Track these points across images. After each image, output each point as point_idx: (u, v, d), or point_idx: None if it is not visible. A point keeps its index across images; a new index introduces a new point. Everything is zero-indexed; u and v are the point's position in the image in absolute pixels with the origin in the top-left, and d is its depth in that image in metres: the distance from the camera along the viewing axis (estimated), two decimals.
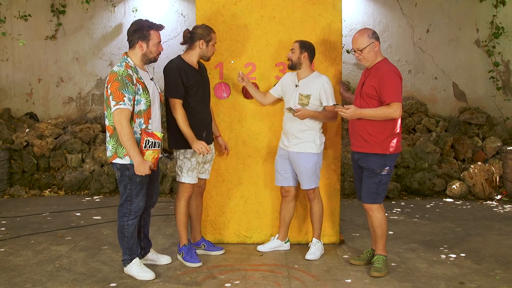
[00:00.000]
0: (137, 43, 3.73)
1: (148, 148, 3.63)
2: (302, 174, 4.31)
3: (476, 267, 4.16)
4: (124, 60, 3.72)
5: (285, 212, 4.51)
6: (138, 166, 3.59)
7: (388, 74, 3.84)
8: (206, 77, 4.31)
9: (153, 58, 3.82)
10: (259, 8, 4.60)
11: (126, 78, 3.57)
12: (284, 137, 4.40)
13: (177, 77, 4.04)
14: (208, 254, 4.43)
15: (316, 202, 4.40)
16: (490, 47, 8.01)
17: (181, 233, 4.28)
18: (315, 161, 4.31)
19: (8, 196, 6.99)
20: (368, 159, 3.95)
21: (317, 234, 4.44)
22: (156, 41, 3.77)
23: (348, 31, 7.93)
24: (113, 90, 3.57)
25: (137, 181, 3.71)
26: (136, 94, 3.62)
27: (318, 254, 4.36)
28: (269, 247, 4.55)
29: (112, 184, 7.09)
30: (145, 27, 3.72)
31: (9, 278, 3.88)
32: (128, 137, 3.55)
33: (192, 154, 4.16)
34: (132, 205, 3.77)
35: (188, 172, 4.18)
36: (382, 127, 3.89)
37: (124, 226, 3.81)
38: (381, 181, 3.96)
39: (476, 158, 7.41)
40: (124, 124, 3.54)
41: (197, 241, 4.48)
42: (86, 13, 8.13)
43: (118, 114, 3.55)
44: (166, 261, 4.22)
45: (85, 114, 8.30)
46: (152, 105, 3.76)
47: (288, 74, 4.44)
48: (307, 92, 4.26)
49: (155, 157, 3.67)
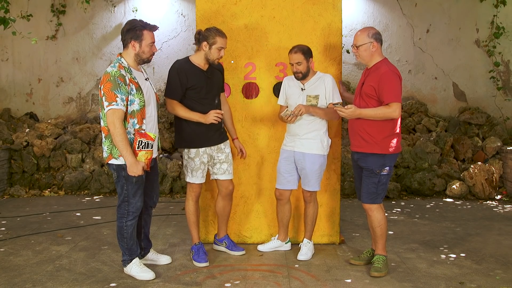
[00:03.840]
0: (130, 43, 3.72)
1: (141, 149, 3.63)
2: (308, 175, 4.28)
3: (476, 267, 4.16)
4: (117, 60, 3.71)
5: (282, 214, 4.49)
6: (131, 167, 3.59)
7: (387, 74, 3.84)
8: (218, 78, 4.27)
9: (146, 58, 3.79)
10: (259, 8, 4.60)
11: (119, 79, 3.57)
12: (289, 138, 4.36)
13: (174, 77, 4.08)
14: (227, 252, 4.45)
15: (313, 205, 4.38)
16: (491, 47, 8.01)
17: (191, 232, 4.32)
18: (321, 162, 4.29)
19: (8, 196, 6.99)
20: (368, 159, 3.95)
21: (309, 235, 4.44)
22: (149, 41, 3.74)
23: (348, 31, 7.93)
24: (105, 91, 3.57)
25: (133, 181, 3.71)
26: (129, 95, 3.62)
27: (310, 255, 4.36)
28: (269, 247, 4.55)
29: (112, 184, 7.09)
30: (138, 27, 3.71)
31: (9, 278, 3.88)
32: (120, 138, 3.55)
33: (195, 154, 4.17)
34: (129, 206, 3.77)
35: (193, 172, 4.19)
36: (381, 127, 3.89)
37: (123, 227, 3.81)
38: (381, 181, 3.96)
39: (476, 158, 7.41)
40: (117, 125, 3.54)
41: (221, 238, 4.50)
42: (86, 13, 8.14)
43: (111, 114, 3.55)
44: (166, 261, 4.22)
45: (85, 114, 8.31)
46: (147, 106, 3.75)
47: (288, 79, 4.38)
48: (315, 93, 4.25)
49: (148, 158, 3.67)
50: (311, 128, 4.25)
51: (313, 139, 4.25)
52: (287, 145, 4.37)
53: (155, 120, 3.88)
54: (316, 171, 4.26)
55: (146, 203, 4.02)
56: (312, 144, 4.25)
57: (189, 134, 4.17)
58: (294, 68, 4.20)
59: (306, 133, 4.25)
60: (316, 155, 4.25)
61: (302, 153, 4.27)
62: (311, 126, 4.25)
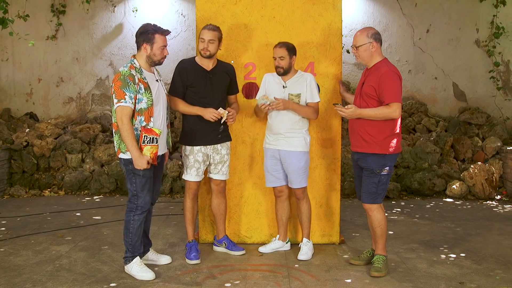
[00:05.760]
0: (142, 45, 3.89)
1: (147, 143, 3.78)
2: (294, 172, 4.31)
3: (476, 267, 4.16)
4: (130, 61, 3.91)
5: (281, 212, 4.50)
6: (136, 160, 3.74)
7: (387, 74, 3.84)
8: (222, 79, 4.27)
9: (157, 61, 3.94)
10: (259, 8, 4.60)
11: (128, 78, 3.76)
12: (272, 137, 4.35)
13: (176, 75, 4.26)
14: (227, 253, 4.45)
15: (305, 201, 4.40)
16: (491, 47, 8.01)
17: (186, 229, 4.38)
18: (306, 159, 4.34)
19: (8, 196, 6.99)
20: (368, 159, 3.95)
21: (307, 233, 4.44)
22: (161, 44, 3.89)
23: (348, 31, 7.93)
24: (115, 89, 3.77)
25: (140, 174, 3.83)
26: (137, 93, 3.79)
27: (310, 254, 4.36)
28: (270, 248, 4.55)
29: (112, 184, 7.09)
30: (150, 31, 3.88)
31: (9, 278, 3.88)
32: (126, 133, 3.72)
33: (190, 152, 4.24)
34: (138, 199, 3.89)
35: (187, 169, 4.28)
36: (381, 127, 3.90)
37: (130, 221, 3.91)
38: (381, 181, 3.96)
39: (476, 158, 7.41)
40: (124, 121, 3.73)
41: (220, 239, 4.51)
42: (86, 13, 8.14)
43: (120, 111, 3.74)
44: (166, 261, 4.23)
45: (85, 114, 8.31)
46: (156, 105, 3.89)
47: (268, 76, 4.40)
48: (297, 91, 4.26)
49: (153, 152, 3.80)
50: (295, 127, 4.28)
51: (296, 137, 4.28)
52: (270, 144, 4.38)
53: (163, 119, 4.01)
54: (302, 167, 4.31)
55: None
56: (296, 142, 4.28)
57: (185, 131, 4.30)
58: (276, 62, 4.24)
59: (290, 131, 4.27)
60: (301, 153, 4.29)
61: (287, 151, 4.29)
62: (295, 125, 4.28)
